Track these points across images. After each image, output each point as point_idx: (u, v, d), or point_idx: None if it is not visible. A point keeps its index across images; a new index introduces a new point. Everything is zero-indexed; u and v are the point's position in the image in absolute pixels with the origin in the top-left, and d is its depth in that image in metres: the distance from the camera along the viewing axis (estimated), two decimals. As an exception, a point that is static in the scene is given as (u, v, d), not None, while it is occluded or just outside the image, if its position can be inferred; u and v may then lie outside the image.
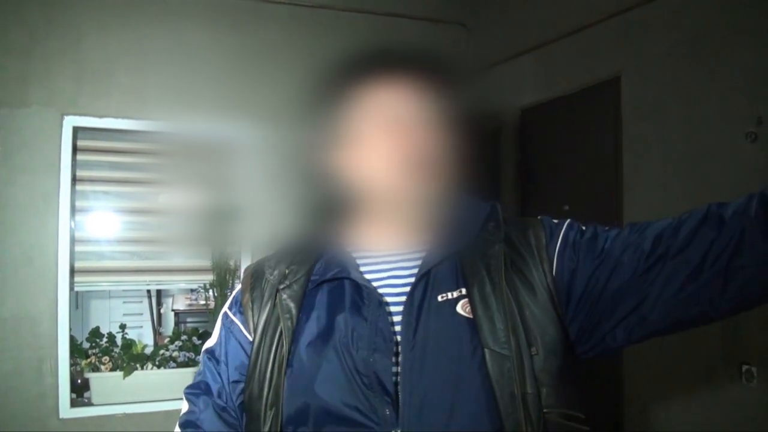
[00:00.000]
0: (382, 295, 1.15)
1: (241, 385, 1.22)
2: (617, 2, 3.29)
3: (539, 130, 4.05)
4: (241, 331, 1.25)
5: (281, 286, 1.21)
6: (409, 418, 1.06)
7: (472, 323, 1.10)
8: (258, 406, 1.16)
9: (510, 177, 4.20)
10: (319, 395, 1.11)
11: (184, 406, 1.27)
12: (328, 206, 1.26)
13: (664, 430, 2.99)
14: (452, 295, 1.14)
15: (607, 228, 1.18)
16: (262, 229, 3.85)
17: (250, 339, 1.22)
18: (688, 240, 1.05)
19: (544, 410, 1.08)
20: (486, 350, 1.08)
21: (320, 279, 1.20)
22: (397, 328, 1.12)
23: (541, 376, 1.09)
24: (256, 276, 1.27)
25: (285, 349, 1.16)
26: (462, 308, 1.12)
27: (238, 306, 1.27)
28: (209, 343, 1.31)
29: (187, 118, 3.85)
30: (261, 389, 1.16)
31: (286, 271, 1.23)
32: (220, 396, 1.24)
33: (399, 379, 1.08)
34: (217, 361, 1.27)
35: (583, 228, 1.20)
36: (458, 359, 1.09)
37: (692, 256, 1.04)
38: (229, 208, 3.94)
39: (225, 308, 1.31)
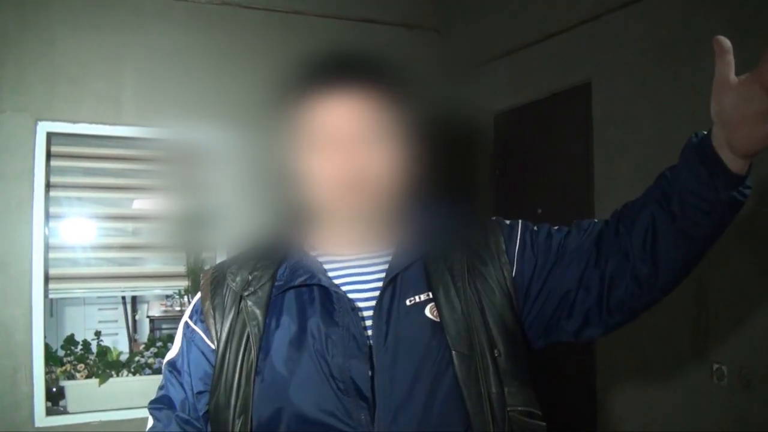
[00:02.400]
0: (352, 300, 1.16)
1: (206, 395, 1.21)
2: (588, 10, 3.34)
3: (512, 134, 4.09)
4: (203, 340, 1.23)
5: (245, 293, 1.20)
6: (385, 421, 1.08)
7: (439, 326, 1.13)
8: (225, 414, 1.15)
9: (484, 181, 4.24)
10: (293, 401, 1.12)
11: (149, 422, 1.26)
12: (290, 211, 1.27)
13: (636, 428, 3.04)
14: (420, 298, 1.16)
15: (557, 227, 1.27)
16: (236, 233, 3.85)
17: (213, 347, 1.21)
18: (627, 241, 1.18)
19: (508, 408, 1.12)
20: (453, 352, 1.11)
21: (287, 285, 1.20)
22: (369, 332, 1.14)
23: (504, 376, 1.13)
24: (216, 283, 1.25)
25: (253, 356, 1.15)
26: (430, 311, 1.15)
27: (199, 314, 1.25)
28: (170, 354, 1.28)
29: (161, 124, 3.84)
30: (228, 398, 1.15)
31: (249, 278, 1.22)
32: (183, 409, 1.23)
33: (374, 383, 1.10)
34: (179, 373, 1.25)
35: (536, 228, 1.27)
36: (428, 362, 1.12)
37: (627, 259, 1.16)
38: (203, 214, 3.93)
39: (185, 317, 1.29)
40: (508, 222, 1.27)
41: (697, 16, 2.80)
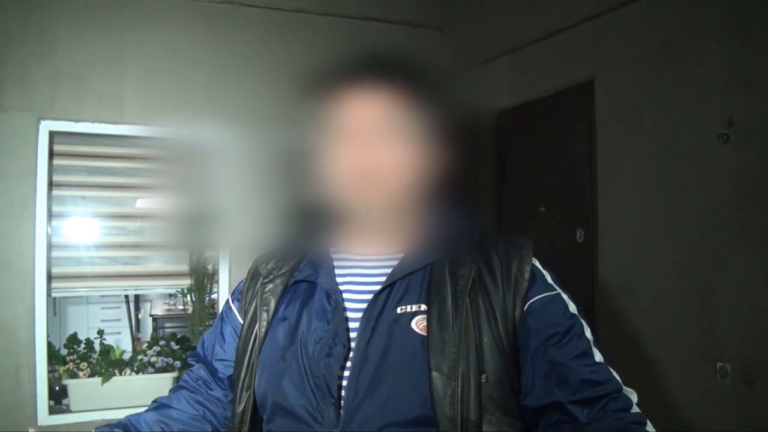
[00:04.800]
0: (347, 300, 1.17)
1: (229, 362, 1.30)
2: (590, 7, 3.34)
3: (515, 132, 4.09)
4: (236, 317, 1.32)
5: (265, 281, 1.27)
6: (347, 424, 1.08)
7: (424, 341, 1.09)
8: (237, 386, 1.24)
9: (486, 179, 4.23)
10: (277, 389, 1.16)
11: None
12: (310, 209, 1.29)
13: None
14: (411, 308, 1.13)
15: (575, 353, 1.13)
16: (239, 233, 3.85)
17: (242, 323, 1.29)
18: None
19: None
20: (432, 372, 1.06)
21: (296, 278, 1.25)
22: (354, 335, 1.13)
23: (487, 403, 1.07)
24: (256, 268, 1.33)
25: (261, 337, 1.23)
26: (416, 324, 1.11)
27: (237, 294, 1.35)
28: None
29: (163, 123, 3.85)
30: (240, 371, 1.24)
31: (273, 266, 1.29)
32: (205, 362, 1.35)
33: (343, 385, 1.10)
34: (209, 337, 1.38)
35: (555, 322, 1.13)
36: (404, 375, 1.08)
37: None
38: (206, 212, 3.94)
39: (228, 295, 1.40)
40: (547, 275, 1.18)
41: (700, 12, 2.79)
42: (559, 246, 3.50)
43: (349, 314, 1.16)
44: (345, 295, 1.17)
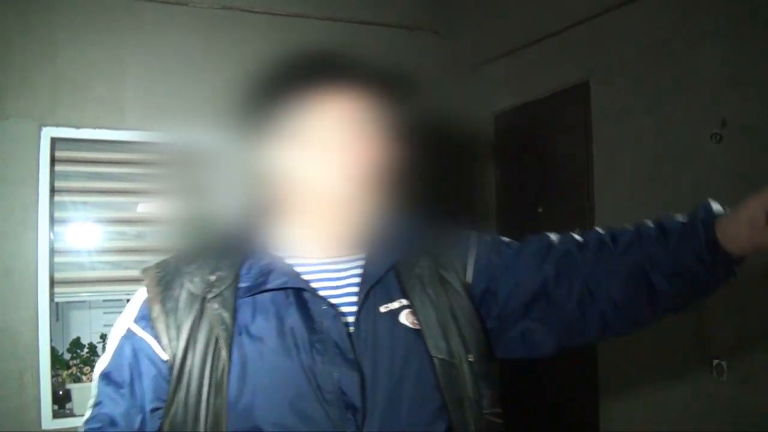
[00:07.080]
0: (334, 305, 1.12)
1: (160, 412, 1.08)
2: (586, 9, 3.36)
3: (512, 134, 4.11)
4: (153, 350, 1.09)
5: (209, 296, 1.10)
6: (373, 430, 1.06)
7: (418, 333, 1.13)
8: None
9: (485, 181, 4.25)
10: (282, 414, 1.04)
11: None
12: (265, 207, 1.23)
13: (637, 424, 3.05)
14: (394, 305, 1.15)
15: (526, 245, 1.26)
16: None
17: (165, 358, 1.08)
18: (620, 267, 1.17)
19: (484, 411, 1.13)
20: (435, 359, 1.11)
21: (260, 288, 1.11)
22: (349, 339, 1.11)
23: (478, 380, 1.13)
24: (165, 285, 1.14)
25: (223, 365, 1.05)
26: (405, 318, 1.14)
27: (147, 320, 1.11)
28: (102, 364, 1.14)
29: (164, 128, 3.85)
30: (196, 413, 1.04)
31: (212, 279, 1.12)
32: (129, 425, 1.09)
33: (365, 393, 1.07)
34: (118, 385, 1.10)
35: (508, 240, 1.27)
36: (410, 369, 1.11)
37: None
38: (206, 216, 3.95)
39: (127, 322, 1.14)
40: (479, 237, 1.28)
41: (694, 14, 2.81)
42: (556, 246, 3.51)
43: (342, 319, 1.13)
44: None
